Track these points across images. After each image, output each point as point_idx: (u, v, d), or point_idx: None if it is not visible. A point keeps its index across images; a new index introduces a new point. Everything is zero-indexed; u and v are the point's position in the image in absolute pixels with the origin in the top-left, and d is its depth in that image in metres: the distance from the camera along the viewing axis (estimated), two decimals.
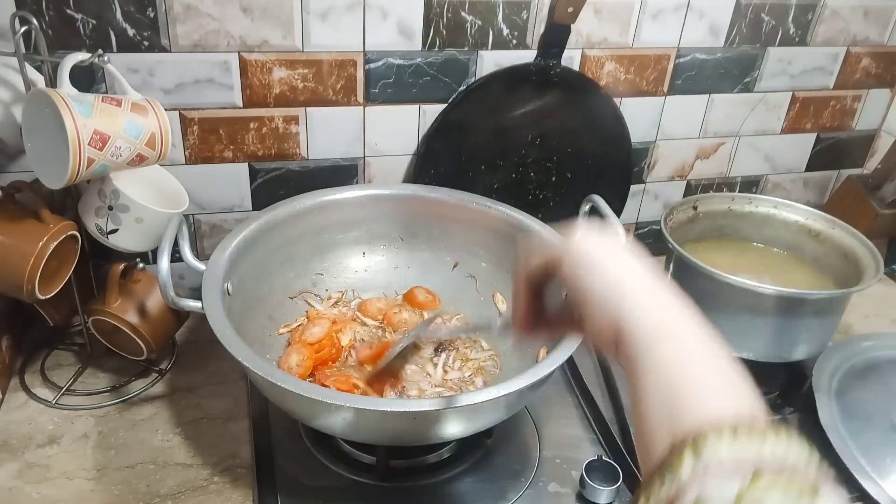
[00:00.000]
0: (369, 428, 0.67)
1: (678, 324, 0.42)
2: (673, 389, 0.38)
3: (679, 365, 0.39)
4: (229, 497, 0.72)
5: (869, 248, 0.91)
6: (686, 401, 0.37)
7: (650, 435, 0.37)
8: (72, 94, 0.68)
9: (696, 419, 0.35)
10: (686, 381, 0.38)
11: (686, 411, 0.36)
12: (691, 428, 0.34)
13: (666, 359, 0.39)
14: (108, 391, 0.84)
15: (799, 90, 1.13)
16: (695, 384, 0.38)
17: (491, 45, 0.94)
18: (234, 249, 0.78)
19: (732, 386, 0.38)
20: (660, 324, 0.41)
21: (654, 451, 0.36)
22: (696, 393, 0.37)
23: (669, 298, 0.43)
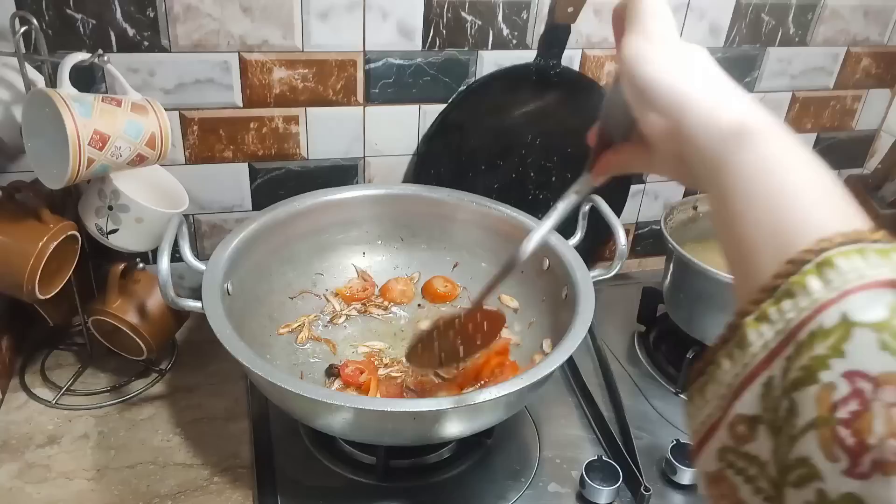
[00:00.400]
0: (369, 428, 0.67)
1: (760, 120, 0.35)
2: (777, 196, 0.32)
3: (780, 168, 0.33)
4: (229, 497, 0.72)
5: None
6: (795, 211, 0.31)
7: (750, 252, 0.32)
8: (72, 94, 0.68)
9: (814, 234, 0.29)
10: (793, 189, 0.32)
11: (797, 225, 0.31)
12: (808, 246, 0.29)
13: (764, 157, 0.33)
14: (108, 391, 0.84)
15: (799, 90, 1.13)
16: (805, 193, 0.32)
17: (491, 45, 0.94)
18: (234, 249, 0.78)
19: (837, 196, 0.32)
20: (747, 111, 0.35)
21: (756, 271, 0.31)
22: (807, 205, 0.31)
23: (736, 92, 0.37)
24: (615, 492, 0.73)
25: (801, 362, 0.27)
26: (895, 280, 0.27)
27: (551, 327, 0.82)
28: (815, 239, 0.29)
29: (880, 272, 0.27)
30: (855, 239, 0.29)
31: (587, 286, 0.77)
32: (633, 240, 1.19)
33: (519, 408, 0.76)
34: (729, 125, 0.35)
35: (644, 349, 0.99)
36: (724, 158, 0.34)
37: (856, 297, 0.27)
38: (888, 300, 0.27)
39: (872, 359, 0.26)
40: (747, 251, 0.32)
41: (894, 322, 0.26)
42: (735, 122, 0.35)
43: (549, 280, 0.84)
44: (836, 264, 0.28)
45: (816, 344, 0.27)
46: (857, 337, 0.26)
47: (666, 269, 0.96)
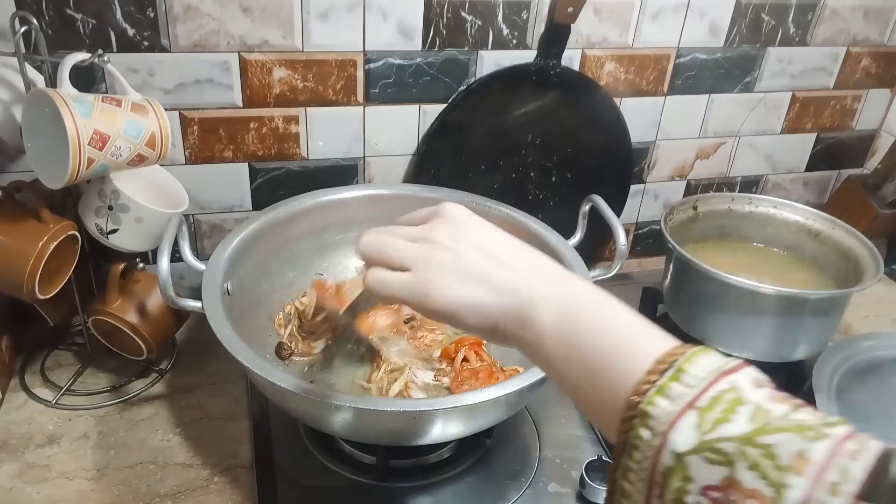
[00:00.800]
0: (369, 428, 0.67)
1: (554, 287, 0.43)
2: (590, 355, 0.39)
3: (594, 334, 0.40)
4: (229, 497, 0.72)
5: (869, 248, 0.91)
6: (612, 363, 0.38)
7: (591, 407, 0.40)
8: (72, 94, 0.68)
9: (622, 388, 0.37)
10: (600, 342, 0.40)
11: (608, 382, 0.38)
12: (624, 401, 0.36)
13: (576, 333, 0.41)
14: (108, 391, 0.84)
15: (799, 90, 1.13)
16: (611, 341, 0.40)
17: (491, 45, 0.94)
18: (234, 249, 0.78)
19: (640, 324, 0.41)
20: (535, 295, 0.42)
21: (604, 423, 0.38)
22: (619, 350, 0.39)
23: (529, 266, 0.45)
24: None
25: (669, 497, 0.34)
26: (690, 401, 0.34)
27: None
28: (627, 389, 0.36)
29: (680, 403, 0.34)
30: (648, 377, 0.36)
31: None
32: (633, 240, 1.19)
33: (519, 408, 0.76)
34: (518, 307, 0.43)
35: None
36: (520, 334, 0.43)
37: (672, 434, 0.34)
38: (692, 422, 0.34)
39: (710, 474, 0.33)
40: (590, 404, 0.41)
41: (703, 442, 0.33)
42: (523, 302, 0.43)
43: None
44: (648, 412, 0.35)
45: (671, 480, 0.34)
46: (691, 464, 0.33)
47: (666, 269, 0.96)
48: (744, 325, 0.85)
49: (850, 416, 0.82)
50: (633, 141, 1.05)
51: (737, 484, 0.32)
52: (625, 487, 0.36)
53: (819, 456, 0.31)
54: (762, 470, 0.31)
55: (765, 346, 0.87)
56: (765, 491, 0.31)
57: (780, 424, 0.33)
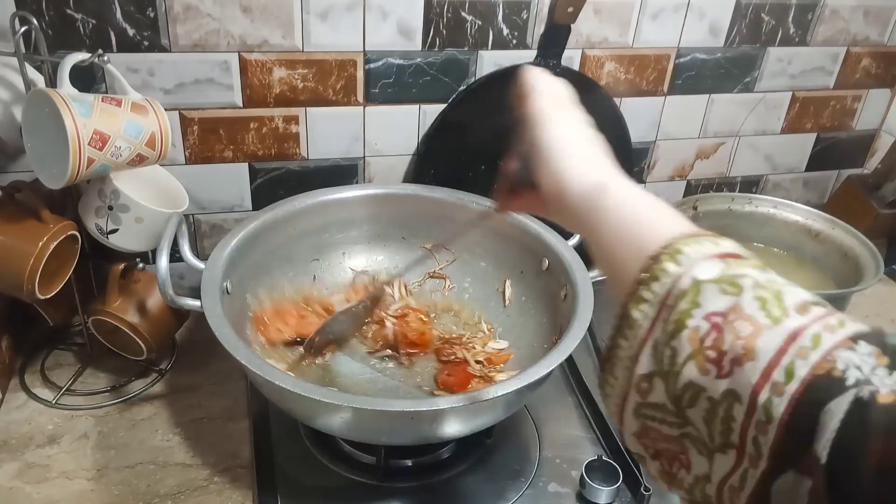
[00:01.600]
0: (368, 428, 0.67)
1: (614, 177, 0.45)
2: (632, 223, 0.42)
3: (630, 204, 0.43)
4: (229, 497, 0.72)
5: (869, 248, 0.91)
6: (646, 228, 0.41)
7: (621, 263, 0.41)
8: (72, 94, 0.68)
9: (662, 238, 0.39)
10: (641, 215, 0.42)
11: (650, 236, 0.40)
12: (661, 244, 0.39)
13: (618, 201, 0.43)
14: (108, 391, 0.84)
15: (799, 90, 1.13)
16: (650, 216, 0.42)
17: (491, 45, 0.94)
18: (234, 248, 0.78)
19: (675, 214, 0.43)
20: (604, 174, 0.45)
21: (628, 274, 0.39)
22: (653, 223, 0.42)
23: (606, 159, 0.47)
24: (615, 492, 0.73)
25: (673, 318, 0.36)
26: (722, 253, 0.38)
27: (551, 327, 0.82)
28: (665, 239, 0.39)
29: (712, 250, 0.38)
30: (693, 234, 0.39)
31: (586, 287, 0.77)
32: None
33: (518, 407, 0.76)
34: (592, 184, 0.45)
35: None
36: (591, 206, 0.44)
37: (699, 265, 0.37)
38: (719, 265, 0.37)
39: (719, 301, 0.35)
40: (619, 263, 0.42)
41: (725, 275, 0.36)
42: (596, 181, 0.45)
43: (549, 280, 0.84)
44: (682, 250, 0.38)
45: (680, 302, 0.36)
46: (705, 290, 0.36)
47: None
48: None
49: None
50: (633, 141, 1.05)
51: (739, 309, 0.34)
52: (633, 315, 0.38)
53: (819, 310, 0.34)
54: (767, 306, 0.34)
55: None
56: (762, 319, 0.34)
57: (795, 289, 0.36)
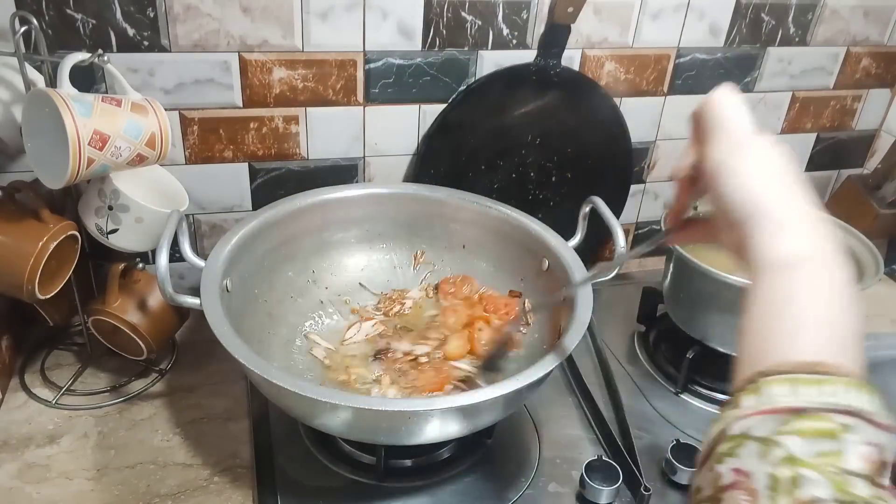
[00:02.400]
0: (368, 427, 0.67)
1: (797, 256, 0.41)
2: (767, 326, 0.40)
3: (781, 302, 0.40)
4: (229, 497, 0.72)
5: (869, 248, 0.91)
6: (772, 342, 0.39)
7: (739, 365, 0.40)
8: (72, 94, 0.68)
9: (774, 361, 0.37)
10: (781, 321, 0.39)
11: (769, 353, 0.38)
12: (765, 369, 0.37)
13: (771, 293, 0.41)
14: (108, 391, 0.84)
15: (799, 90, 1.13)
16: (789, 324, 0.39)
17: (491, 45, 0.94)
18: (234, 247, 0.78)
19: (827, 330, 0.39)
20: (779, 255, 0.41)
21: (736, 382, 0.39)
22: (786, 335, 0.39)
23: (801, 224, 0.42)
24: (615, 492, 0.73)
25: (718, 450, 0.37)
26: (799, 408, 0.35)
27: (550, 328, 0.82)
28: (772, 363, 0.37)
29: (795, 400, 0.35)
30: (806, 370, 0.36)
31: (585, 287, 0.77)
32: (633, 239, 1.19)
33: (517, 407, 0.76)
34: (781, 258, 0.41)
35: (644, 349, 0.99)
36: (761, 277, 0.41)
37: (757, 418, 0.36)
38: (778, 421, 0.35)
39: (751, 461, 0.35)
40: (741, 358, 0.40)
41: (771, 438, 0.35)
42: (789, 255, 0.41)
43: (549, 280, 0.84)
44: (761, 390, 0.37)
45: (723, 444, 0.37)
46: (747, 444, 0.35)
47: (666, 269, 0.96)
48: None
49: None
50: (633, 141, 1.05)
51: (750, 479, 0.34)
52: (713, 428, 0.39)
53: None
54: (777, 488, 0.33)
55: None
56: (763, 500, 0.33)
57: (833, 473, 0.33)
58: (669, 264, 0.95)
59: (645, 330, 1.02)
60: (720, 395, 0.90)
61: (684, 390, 0.91)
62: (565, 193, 1.04)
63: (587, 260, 0.82)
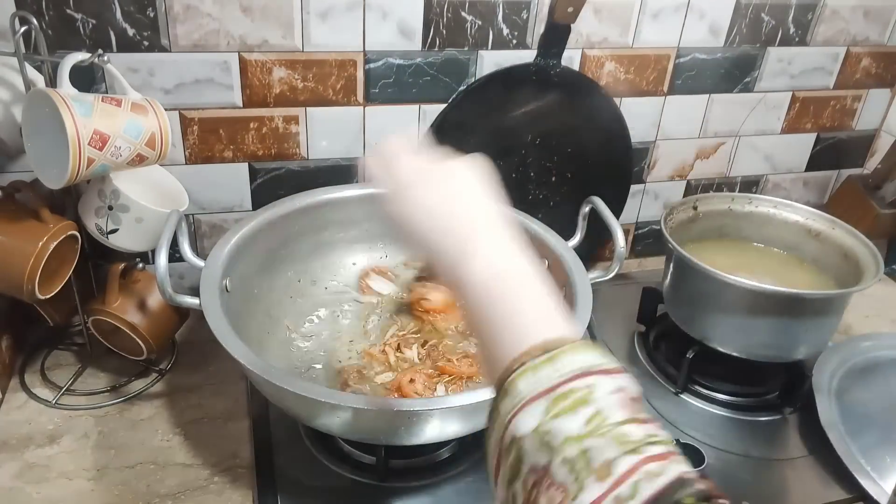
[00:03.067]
0: (367, 427, 0.67)
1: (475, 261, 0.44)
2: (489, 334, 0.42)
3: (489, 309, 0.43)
4: (229, 497, 0.72)
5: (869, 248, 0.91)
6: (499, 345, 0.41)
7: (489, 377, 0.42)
8: (72, 94, 0.68)
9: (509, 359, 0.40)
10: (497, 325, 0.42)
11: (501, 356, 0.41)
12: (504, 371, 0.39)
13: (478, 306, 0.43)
14: (108, 391, 0.84)
15: (799, 90, 1.13)
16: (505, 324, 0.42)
17: (491, 45, 0.94)
18: (234, 246, 0.78)
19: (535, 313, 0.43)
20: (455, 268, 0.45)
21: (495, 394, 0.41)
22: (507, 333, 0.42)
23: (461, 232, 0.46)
24: None
25: (509, 463, 0.38)
26: (548, 388, 0.37)
27: None
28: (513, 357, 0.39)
29: (539, 386, 0.37)
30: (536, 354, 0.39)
31: (585, 288, 0.77)
32: (633, 239, 1.19)
33: None
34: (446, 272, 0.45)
35: (644, 349, 0.99)
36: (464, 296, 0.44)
37: (519, 416, 0.37)
38: (541, 408, 0.37)
39: (538, 455, 0.36)
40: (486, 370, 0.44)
41: (542, 429, 0.36)
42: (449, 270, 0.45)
43: None
44: (510, 391, 0.39)
45: (510, 453, 0.37)
46: (525, 445, 0.37)
47: (666, 269, 0.95)
48: (744, 325, 0.85)
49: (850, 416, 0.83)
50: (633, 141, 1.05)
51: (550, 474, 0.35)
52: (488, 446, 0.40)
53: (622, 468, 0.34)
54: (575, 469, 0.34)
55: (765, 346, 0.87)
56: (570, 487, 0.34)
57: (607, 432, 0.35)
58: (669, 264, 0.95)
59: (645, 330, 1.02)
60: (720, 395, 0.91)
61: (684, 390, 0.91)
62: (565, 193, 1.04)
63: (587, 260, 0.82)
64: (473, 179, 0.51)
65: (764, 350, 0.87)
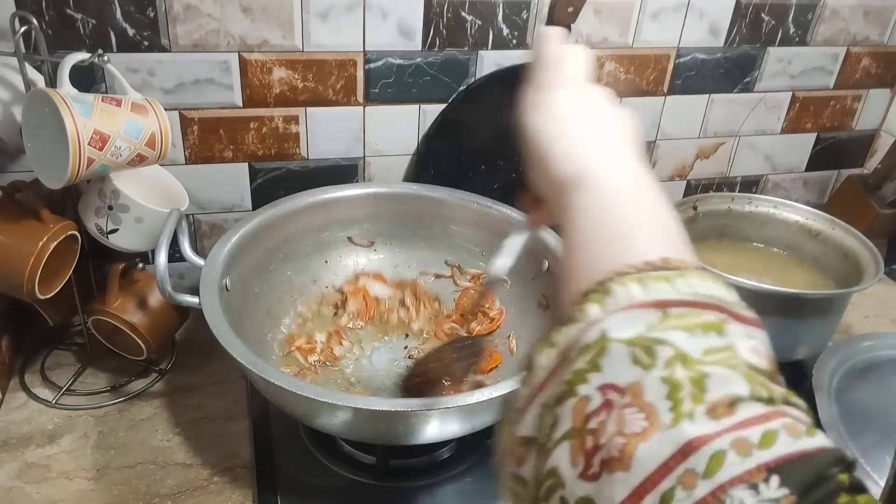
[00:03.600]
0: (367, 427, 0.67)
1: (604, 165, 0.38)
2: (595, 234, 0.35)
3: (609, 209, 0.36)
4: (229, 497, 0.72)
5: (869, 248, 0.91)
6: (607, 247, 0.34)
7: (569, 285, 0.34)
8: (72, 94, 0.68)
9: (615, 264, 0.31)
10: (610, 225, 0.35)
11: (606, 257, 0.33)
12: (605, 275, 0.31)
13: (596, 203, 0.36)
14: (108, 391, 0.84)
15: (799, 90, 1.13)
16: (621, 227, 0.34)
17: (491, 45, 0.94)
18: (234, 245, 0.78)
19: (660, 231, 0.35)
20: (583, 168, 0.38)
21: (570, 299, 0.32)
22: (621, 239, 0.34)
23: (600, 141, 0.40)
24: None
25: (566, 377, 0.28)
26: (663, 300, 0.29)
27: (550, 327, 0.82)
28: (613, 268, 0.31)
29: (652, 295, 0.29)
30: (655, 267, 0.30)
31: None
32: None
33: None
34: (567, 177, 0.38)
35: None
36: (563, 202, 0.38)
37: (618, 316, 0.29)
38: (648, 318, 0.28)
39: (624, 371, 0.27)
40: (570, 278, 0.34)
41: (648, 336, 0.27)
42: (572, 174, 0.38)
43: (548, 281, 0.84)
44: (611, 290, 0.30)
45: (578, 359, 0.28)
46: (613, 352, 0.27)
47: None
48: None
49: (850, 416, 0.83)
50: None
51: (638, 392, 0.26)
52: (536, 359, 0.32)
53: (750, 412, 0.25)
54: (678, 392, 0.25)
55: None
56: (663, 414, 0.25)
57: (738, 367, 0.26)
58: None
59: None
60: None
61: None
62: None
63: None
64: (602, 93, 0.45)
65: None
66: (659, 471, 0.24)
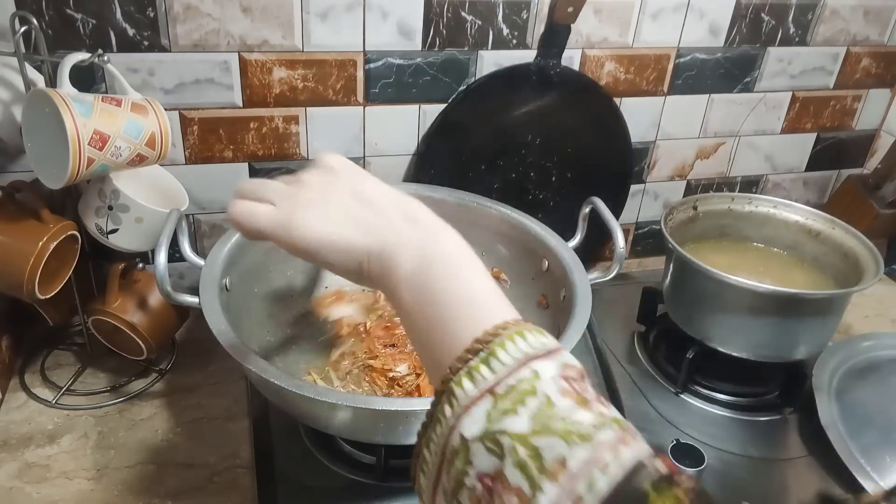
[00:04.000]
0: (367, 427, 0.67)
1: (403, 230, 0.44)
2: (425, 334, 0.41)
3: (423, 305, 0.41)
4: (229, 497, 0.72)
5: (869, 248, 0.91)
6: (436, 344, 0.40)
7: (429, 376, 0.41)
8: (72, 94, 0.68)
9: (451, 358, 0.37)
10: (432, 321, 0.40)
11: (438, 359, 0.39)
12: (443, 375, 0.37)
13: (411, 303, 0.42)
14: (108, 391, 0.84)
15: (799, 90, 1.13)
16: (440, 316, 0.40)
17: (491, 45, 0.94)
18: (234, 245, 0.78)
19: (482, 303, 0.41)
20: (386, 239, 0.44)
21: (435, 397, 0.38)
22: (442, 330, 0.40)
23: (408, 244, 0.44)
24: None
25: (453, 473, 0.35)
26: (489, 387, 0.35)
27: (550, 328, 0.82)
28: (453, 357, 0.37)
29: (480, 386, 0.35)
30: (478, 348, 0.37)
31: (584, 288, 0.77)
32: (633, 239, 1.19)
33: None
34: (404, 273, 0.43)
35: (644, 349, 0.99)
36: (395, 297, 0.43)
37: (465, 417, 0.35)
38: (485, 407, 0.35)
39: (487, 463, 0.34)
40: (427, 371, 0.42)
41: (490, 430, 0.34)
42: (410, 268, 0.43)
43: (548, 281, 0.84)
44: (454, 392, 0.36)
45: (456, 461, 0.35)
46: (474, 451, 0.34)
47: (666, 269, 0.96)
48: (744, 325, 0.85)
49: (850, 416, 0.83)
50: (633, 141, 1.05)
51: (504, 478, 0.33)
52: (425, 455, 0.37)
53: (575, 464, 0.32)
54: (528, 470, 0.32)
55: (765, 346, 0.87)
56: (525, 490, 0.32)
57: (556, 426, 0.33)
58: (669, 264, 0.95)
59: (645, 330, 1.02)
60: (720, 395, 0.91)
61: (684, 390, 0.91)
62: (565, 194, 1.04)
63: (587, 260, 0.82)
64: (359, 171, 0.49)
65: (764, 350, 0.87)
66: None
